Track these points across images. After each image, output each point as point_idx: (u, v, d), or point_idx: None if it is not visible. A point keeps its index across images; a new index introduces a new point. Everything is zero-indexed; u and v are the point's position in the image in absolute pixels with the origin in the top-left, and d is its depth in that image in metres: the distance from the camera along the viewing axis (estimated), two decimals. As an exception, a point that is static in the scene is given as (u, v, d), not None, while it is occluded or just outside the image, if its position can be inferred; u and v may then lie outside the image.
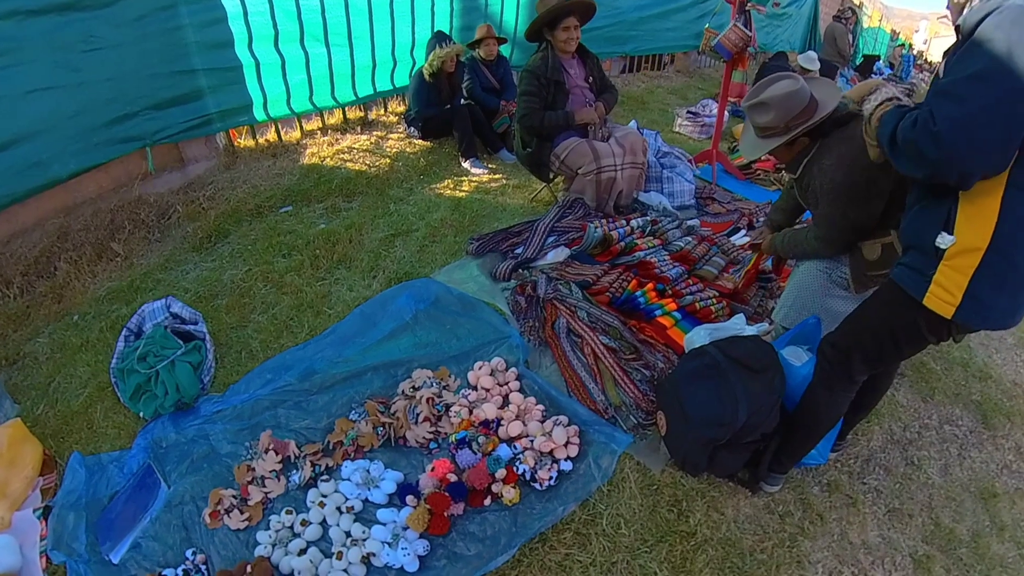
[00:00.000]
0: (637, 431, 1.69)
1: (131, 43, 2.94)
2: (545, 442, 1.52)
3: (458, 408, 1.61)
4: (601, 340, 1.85)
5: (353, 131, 3.78)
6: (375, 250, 2.54)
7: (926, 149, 0.99)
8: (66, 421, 2.01)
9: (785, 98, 1.56)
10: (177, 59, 3.09)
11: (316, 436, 1.69)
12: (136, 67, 2.98)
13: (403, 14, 3.76)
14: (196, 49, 3.13)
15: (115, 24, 2.85)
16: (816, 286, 1.76)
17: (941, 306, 1.06)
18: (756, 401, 1.45)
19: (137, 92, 3.01)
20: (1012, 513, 1.83)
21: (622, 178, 2.76)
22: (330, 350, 1.94)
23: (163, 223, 3.07)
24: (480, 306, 2.08)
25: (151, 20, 2.98)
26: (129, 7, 2.88)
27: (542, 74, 2.69)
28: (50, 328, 2.47)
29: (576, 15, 2.71)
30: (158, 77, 3.06)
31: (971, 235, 1.03)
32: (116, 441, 1.92)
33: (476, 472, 1.43)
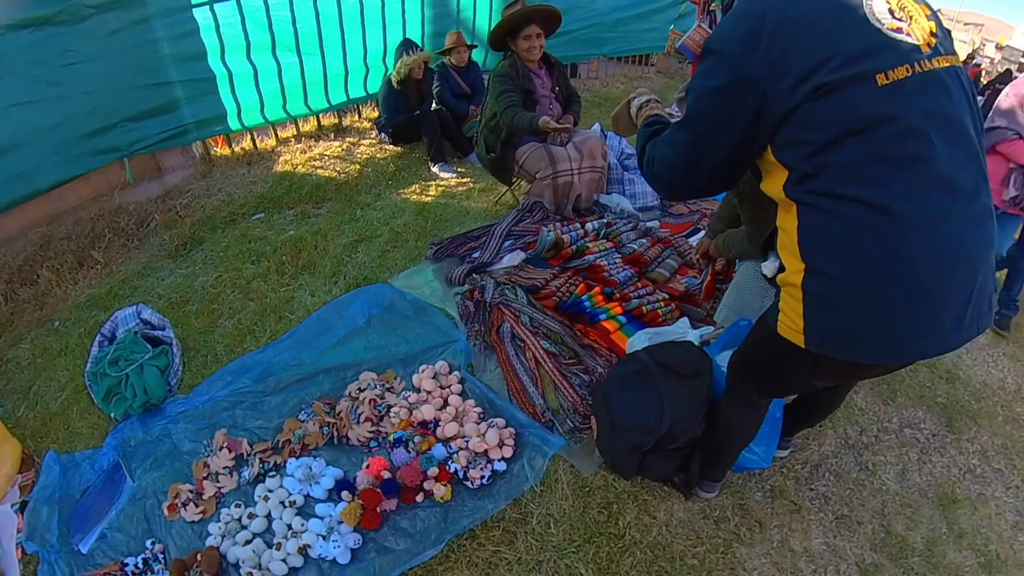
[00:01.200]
0: (573, 434, 1.73)
1: (107, 57, 3.05)
2: (479, 443, 1.62)
3: (398, 409, 1.73)
4: (542, 345, 1.94)
5: (327, 138, 3.89)
6: (338, 256, 2.66)
7: (655, 186, 1.14)
8: (45, 422, 2.14)
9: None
10: (152, 71, 3.21)
11: (267, 435, 1.81)
12: (113, 80, 3.09)
13: (374, 21, 3.85)
14: (170, 61, 3.24)
15: (91, 38, 2.97)
16: (752, 286, 1.81)
17: (792, 334, 0.98)
18: (681, 408, 1.46)
19: (114, 104, 3.13)
20: (973, 520, 1.73)
21: (580, 182, 2.83)
22: (287, 353, 2.06)
23: (142, 231, 3.19)
24: (431, 311, 2.20)
25: (126, 34, 3.08)
26: (104, 22, 2.99)
27: (514, 77, 2.72)
28: (32, 334, 2.59)
29: (538, 23, 2.73)
30: (134, 89, 3.17)
31: (787, 254, 0.98)
32: (90, 440, 2.05)
33: (409, 470, 1.54)
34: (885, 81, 0.84)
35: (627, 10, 5.72)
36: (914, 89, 0.85)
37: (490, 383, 1.90)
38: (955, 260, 0.87)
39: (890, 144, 0.84)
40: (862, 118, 0.84)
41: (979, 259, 0.89)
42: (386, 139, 3.81)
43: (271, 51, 3.49)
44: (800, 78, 0.85)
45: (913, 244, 0.85)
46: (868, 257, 0.87)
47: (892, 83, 0.84)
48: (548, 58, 2.90)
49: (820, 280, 0.91)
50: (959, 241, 0.87)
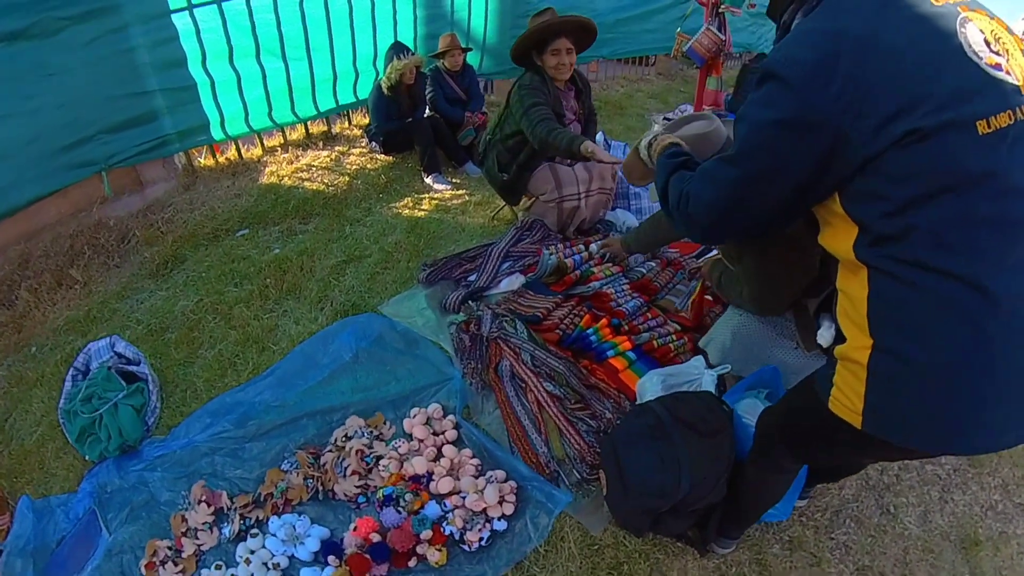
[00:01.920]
0: (580, 487, 1.62)
1: (83, 68, 2.90)
2: (477, 500, 1.50)
3: (387, 461, 1.61)
4: (545, 387, 1.81)
5: (315, 146, 3.73)
6: (325, 279, 2.53)
7: (686, 227, 1.00)
8: (19, 460, 2.04)
9: (698, 140, 1.42)
10: (131, 81, 3.05)
11: (249, 486, 1.69)
12: (90, 91, 2.94)
13: (363, 24, 3.68)
14: (149, 70, 3.08)
15: (66, 50, 2.81)
16: (758, 337, 1.63)
17: (848, 413, 0.86)
18: (701, 471, 1.36)
19: (91, 116, 2.98)
20: (995, 562, 1.68)
21: (586, 206, 2.64)
22: (268, 392, 1.94)
23: (122, 248, 3.06)
24: (424, 344, 2.08)
25: (102, 43, 2.93)
26: (80, 32, 2.83)
27: (546, 92, 2.35)
28: (9, 360, 2.48)
29: (570, 37, 2.36)
30: (112, 100, 3.02)
31: (849, 324, 0.85)
32: (65, 482, 1.94)
33: (400, 533, 1.43)
34: (987, 129, 0.71)
35: (627, 10, 5.54)
36: (1016, 139, 0.72)
37: (488, 427, 1.78)
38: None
39: (988, 206, 0.72)
40: (959, 173, 0.72)
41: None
42: (377, 148, 3.66)
43: (255, 56, 3.33)
44: (886, 119, 0.72)
45: (1003, 327, 0.73)
46: (952, 339, 0.74)
47: (994, 132, 0.71)
48: (576, 79, 2.58)
49: (891, 361, 0.79)
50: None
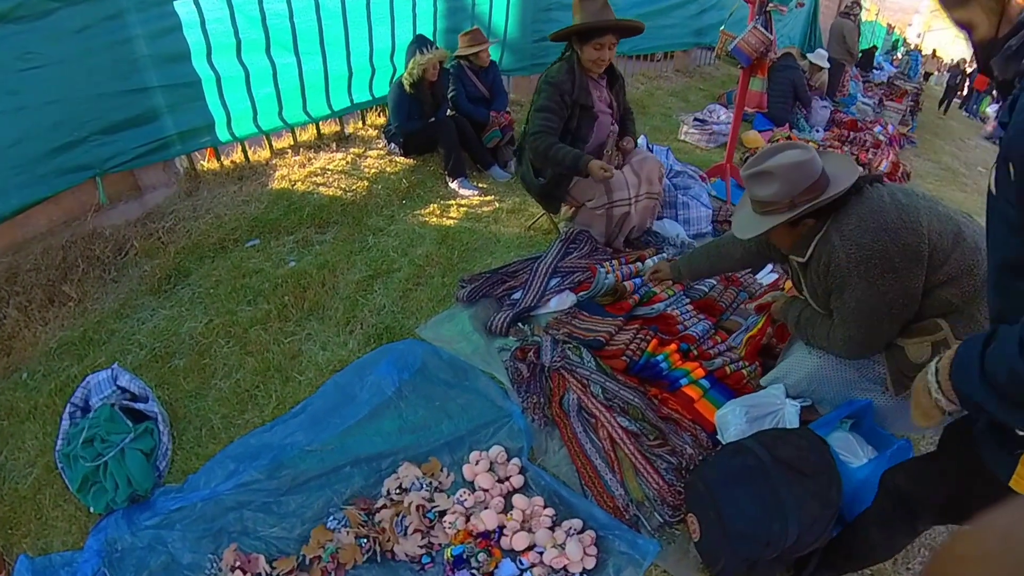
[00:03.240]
0: (663, 531, 1.48)
1: (75, 59, 2.64)
2: (558, 557, 1.32)
3: (453, 516, 1.41)
4: (619, 422, 1.62)
5: (328, 148, 3.50)
6: (351, 296, 2.31)
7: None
8: (13, 508, 1.81)
9: (793, 169, 1.34)
10: (127, 75, 2.80)
11: (289, 547, 1.48)
12: (82, 86, 2.68)
13: (381, 16, 3.46)
14: (149, 63, 2.83)
15: (55, 38, 2.55)
16: (838, 381, 1.55)
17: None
18: (808, 515, 1.27)
19: (84, 115, 2.72)
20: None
21: (636, 211, 2.48)
22: (301, 433, 1.72)
23: (119, 260, 2.81)
24: (475, 374, 1.86)
25: (96, 32, 2.67)
26: (69, 17, 2.57)
27: (567, 92, 2.30)
28: (-1, 387, 2.24)
29: (616, 33, 2.35)
30: (107, 97, 2.77)
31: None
32: (67, 536, 1.71)
33: (476, 604, 1.23)
34: None
35: (646, 5, 5.37)
36: None
37: (556, 469, 1.58)
38: None
39: None
40: None
41: None
42: (396, 150, 3.43)
43: (265, 51, 3.09)
44: None
45: None
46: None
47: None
48: (611, 69, 2.49)
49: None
50: None
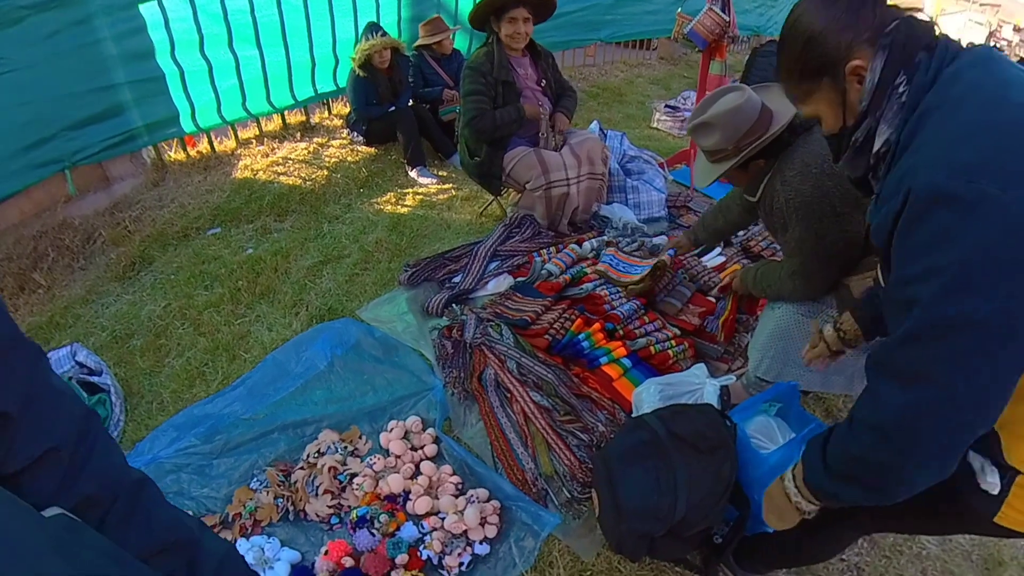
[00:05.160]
0: (570, 507, 1.56)
1: (45, 62, 2.83)
2: (456, 522, 1.45)
3: (362, 479, 1.57)
4: (532, 397, 1.76)
5: (293, 138, 3.67)
6: (300, 281, 2.48)
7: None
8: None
9: (731, 115, 1.42)
10: (96, 74, 2.99)
11: (216, 506, 1.65)
12: (52, 87, 2.88)
13: (343, 7, 3.60)
14: (116, 62, 3.01)
15: (27, 43, 2.75)
16: (798, 334, 1.58)
17: (1021, 525, 0.85)
18: (699, 492, 1.31)
19: (54, 113, 2.92)
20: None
21: (577, 192, 2.63)
22: (238, 404, 1.90)
23: (87, 249, 3.01)
24: (404, 351, 2.03)
25: (65, 36, 2.86)
26: (40, 24, 2.76)
27: (488, 72, 2.51)
28: (-34, 371, 2.43)
29: (527, 7, 2.50)
30: (77, 96, 2.96)
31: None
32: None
33: (373, 557, 1.38)
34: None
35: (629, -9, 5.44)
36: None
37: (471, 441, 1.73)
38: None
39: None
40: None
41: None
42: (358, 139, 3.59)
43: (227, 44, 3.26)
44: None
45: None
46: None
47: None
48: (534, 46, 2.68)
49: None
50: None
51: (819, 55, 0.86)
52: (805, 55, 0.88)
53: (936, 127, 0.74)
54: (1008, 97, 0.72)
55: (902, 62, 0.79)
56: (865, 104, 0.82)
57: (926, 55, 0.79)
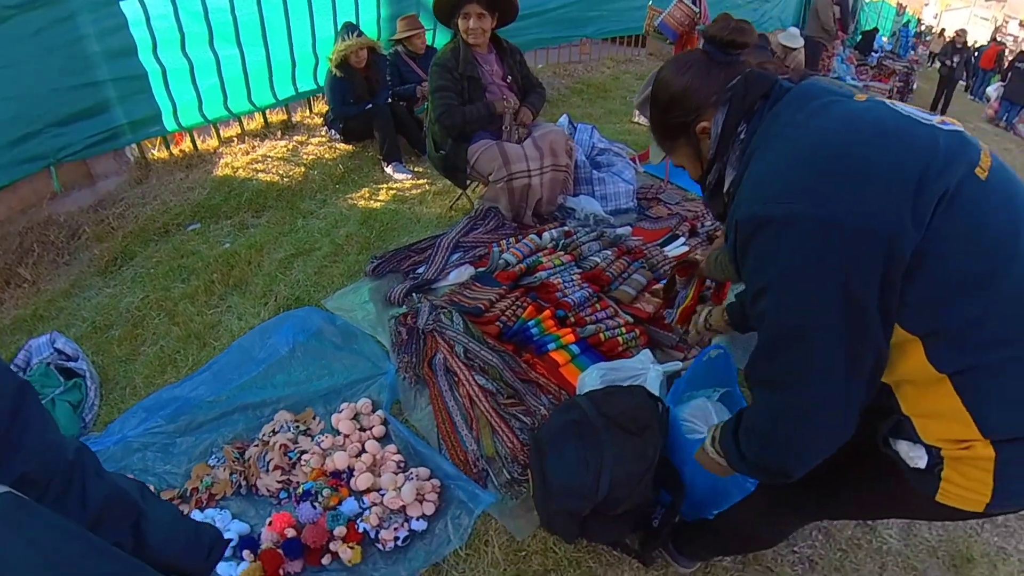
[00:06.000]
0: (510, 488, 1.62)
1: (30, 59, 2.98)
2: (395, 498, 1.54)
3: (310, 456, 1.69)
4: (477, 380, 1.86)
5: (273, 136, 3.80)
6: (272, 273, 2.60)
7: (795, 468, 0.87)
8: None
9: None
10: (80, 71, 3.13)
11: (176, 481, 1.77)
12: (38, 83, 3.02)
13: (323, 6, 3.74)
14: (99, 59, 3.15)
15: (13, 41, 2.89)
16: None
17: (968, 504, 0.82)
18: (622, 471, 1.35)
19: (40, 109, 3.06)
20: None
21: (540, 184, 2.73)
22: (204, 388, 2.02)
23: (72, 244, 3.15)
24: (362, 338, 2.14)
25: (49, 33, 3.01)
26: (25, 23, 2.91)
27: (453, 68, 2.62)
28: (-46, 361, 2.58)
29: (480, 3, 2.58)
30: (61, 92, 3.10)
31: (950, 435, 0.80)
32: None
33: (313, 529, 1.49)
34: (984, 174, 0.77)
35: (616, -13, 5.54)
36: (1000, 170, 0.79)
37: (418, 423, 1.84)
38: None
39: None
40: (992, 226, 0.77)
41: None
42: (337, 136, 3.72)
43: (208, 43, 3.40)
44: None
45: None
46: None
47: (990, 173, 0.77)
48: (499, 42, 2.78)
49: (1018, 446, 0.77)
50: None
51: (674, 118, 0.99)
52: (663, 118, 1.01)
53: (756, 164, 0.85)
54: (809, 124, 0.81)
55: (743, 113, 0.90)
56: (712, 153, 0.94)
57: (763, 102, 0.89)
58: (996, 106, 9.45)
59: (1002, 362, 0.75)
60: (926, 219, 0.72)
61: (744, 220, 0.80)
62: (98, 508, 0.80)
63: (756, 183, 0.83)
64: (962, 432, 0.78)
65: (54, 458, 0.77)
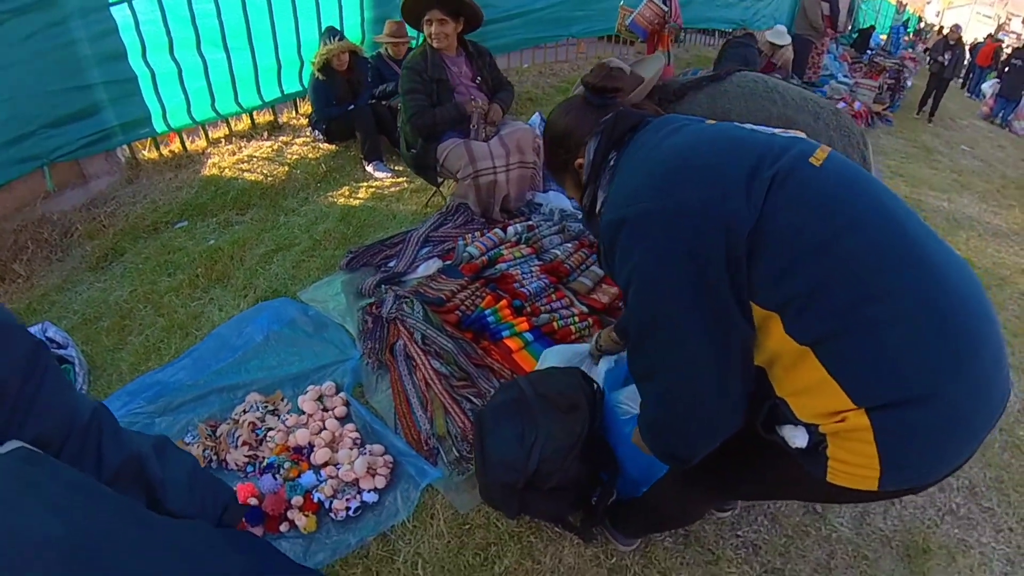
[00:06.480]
0: (458, 464, 1.73)
1: (24, 62, 3.14)
2: (348, 471, 1.68)
3: (275, 433, 1.84)
4: (432, 364, 2.01)
5: (260, 137, 3.97)
6: (253, 267, 2.76)
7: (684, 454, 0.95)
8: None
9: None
10: (72, 74, 3.30)
11: (155, 459, 1.94)
12: (31, 86, 3.19)
13: (307, 10, 3.89)
14: (91, 63, 3.32)
15: (6, 44, 3.06)
16: None
17: (860, 481, 0.82)
18: (551, 446, 1.42)
19: (33, 111, 3.23)
20: (947, 573, 1.54)
21: (507, 181, 2.87)
22: (183, 373, 2.18)
23: (65, 242, 3.32)
24: (332, 327, 2.30)
25: (42, 37, 3.17)
26: (18, 26, 3.08)
27: (422, 70, 2.77)
28: (-49, 352, 2.75)
29: (441, 9, 2.69)
30: (54, 94, 3.27)
31: (826, 408, 0.80)
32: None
33: (273, 498, 1.63)
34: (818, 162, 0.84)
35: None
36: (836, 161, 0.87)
37: (378, 405, 1.99)
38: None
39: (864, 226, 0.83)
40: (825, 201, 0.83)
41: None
42: (320, 137, 3.89)
43: (196, 47, 3.56)
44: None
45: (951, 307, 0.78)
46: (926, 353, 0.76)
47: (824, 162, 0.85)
48: (466, 45, 2.92)
49: (894, 414, 0.76)
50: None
51: (560, 154, 1.14)
52: (551, 155, 1.17)
53: (617, 180, 0.97)
54: (662, 144, 0.93)
55: (613, 144, 1.02)
56: (586, 178, 1.07)
57: (631, 134, 1.01)
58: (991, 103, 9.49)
59: (857, 325, 0.76)
60: (760, 201, 0.80)
61: (605, 226, 0.91)
62: (113, 472, 0.81)
63: (615, 194, 0.96)
64: (834, 404, 0.78)
65: (69, 419, 0.76)
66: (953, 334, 0.77)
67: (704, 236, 0.81)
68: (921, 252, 0.79)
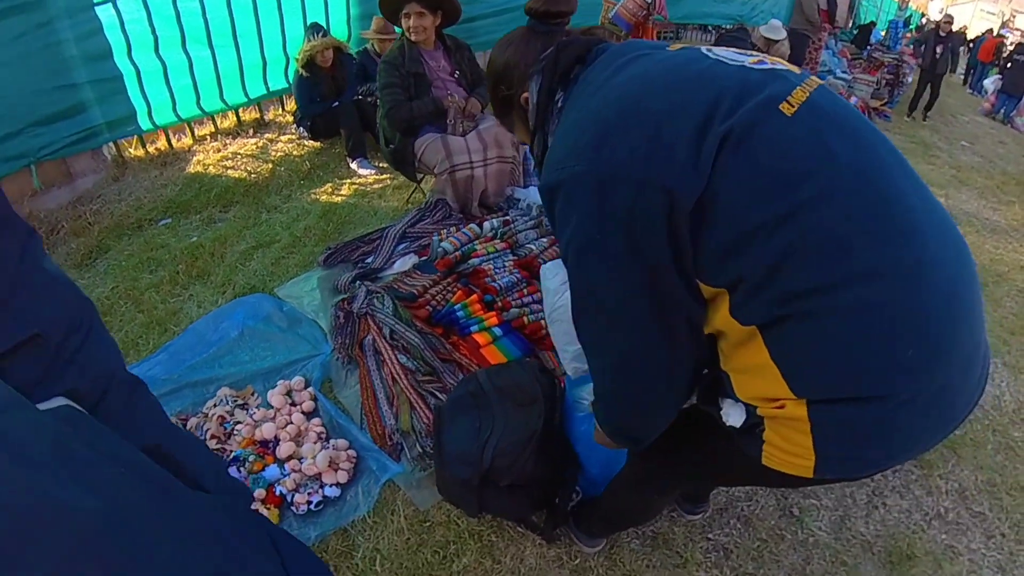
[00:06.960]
0: (421, 461, 1.74)
1: (11, 63, 3.20)
2: (311, 465, 1.71)
3: (242, 427, 1.89)
4: (399, 359, 2.03)
5: (245, 134, 4.02)
6: (232, 264, 2.80)
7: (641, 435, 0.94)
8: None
9: None
10: (59, 74, 3.35)
11: (128, 452, 1.99)
12: (18, 86, 3.25)
13: (292, 7, 3.94)
14: (77, 62, 3.37)
15: (-5, 45, 3.14)
16: None
17: (794, 468, 0.78)
18: (507, 440, 1.41)
19: (20, 110, 3.29)
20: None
21: (484, 175, 2.90)
22: (159, 367, 2.23)
23: (51, 239, 3.38)
24: (305, 323, 2.34)
25: (30, 38, 3.23)
26: (5, 28, 3.14)
27: (400, 65, 2.80)
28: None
29: (419, 2, 2.70)
30: (40, 94, 3.32)
31: (764, 393, 0.77)
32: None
33: (238, 488, 1.70)
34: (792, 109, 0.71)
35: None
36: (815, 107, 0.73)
37: (345, 400, 2.02)
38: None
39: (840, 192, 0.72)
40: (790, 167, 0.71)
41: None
42: (305, 134, 3.93)
43: (180, 45, 3.61)
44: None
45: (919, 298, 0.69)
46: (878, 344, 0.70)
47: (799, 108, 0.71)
48: (444, 39, 2.94)
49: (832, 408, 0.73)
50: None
51: (501, 91, 1.01)
52: (494, 93, 1.04)
53: (556, 134, 0.86)
54: (605, 85, 0.80)
55: (558, 81, 0.90)
56: (533, 123, 0.95)
57: (580, 67, 0.88)
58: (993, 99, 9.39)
59: (809, 314, 0.69)
60: (708, 165, 0.68)
61: (542, 191, 0.82)
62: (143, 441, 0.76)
63: (551, 154, 0.83)
64: (774, 390, 0.74)
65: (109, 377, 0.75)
66: (924, 335, 0.69)
67: (642, 205, 0.70)
68: (904, 226, 0.69)
